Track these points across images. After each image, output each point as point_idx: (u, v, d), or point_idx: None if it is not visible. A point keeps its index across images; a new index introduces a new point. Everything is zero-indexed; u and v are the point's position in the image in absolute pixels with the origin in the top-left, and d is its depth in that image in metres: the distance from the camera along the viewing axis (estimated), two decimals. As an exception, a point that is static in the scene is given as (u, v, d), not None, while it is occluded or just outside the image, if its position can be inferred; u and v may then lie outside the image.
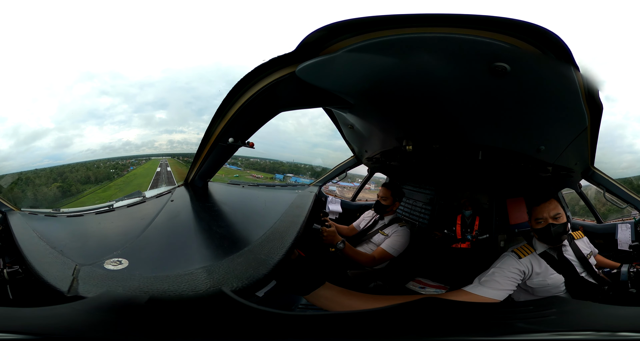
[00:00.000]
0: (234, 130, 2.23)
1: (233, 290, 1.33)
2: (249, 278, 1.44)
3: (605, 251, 3.07)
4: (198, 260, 1.61)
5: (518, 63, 1.41)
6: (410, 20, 1.38)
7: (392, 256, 3.05)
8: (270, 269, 1.55)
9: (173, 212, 2.41)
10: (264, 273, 1.50)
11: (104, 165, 8.56)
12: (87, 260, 1.61)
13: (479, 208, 3.80)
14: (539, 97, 1.65)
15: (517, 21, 1.31)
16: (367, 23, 1.42)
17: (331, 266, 2.91)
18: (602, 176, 2.98)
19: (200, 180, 3.02)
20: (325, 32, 1.49)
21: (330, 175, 4.35)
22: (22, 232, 2.06)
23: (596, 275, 2.14)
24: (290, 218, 2.33)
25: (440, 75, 1.60)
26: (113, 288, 1.36)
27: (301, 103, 2.14)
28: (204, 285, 1.36)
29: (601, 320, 1.30)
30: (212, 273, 1.45)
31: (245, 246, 1.76)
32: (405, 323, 1.28)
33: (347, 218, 4.11)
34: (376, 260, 3.00)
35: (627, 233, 3.16)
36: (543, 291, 2.09)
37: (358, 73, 1.71)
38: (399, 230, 3.13)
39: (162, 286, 1.36)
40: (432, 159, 2.70)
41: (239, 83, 1.88)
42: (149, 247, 1.85)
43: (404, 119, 2.23)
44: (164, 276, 1.44)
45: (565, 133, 2.08)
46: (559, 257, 2.12)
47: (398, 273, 3.23)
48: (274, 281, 1.70)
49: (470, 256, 3.62)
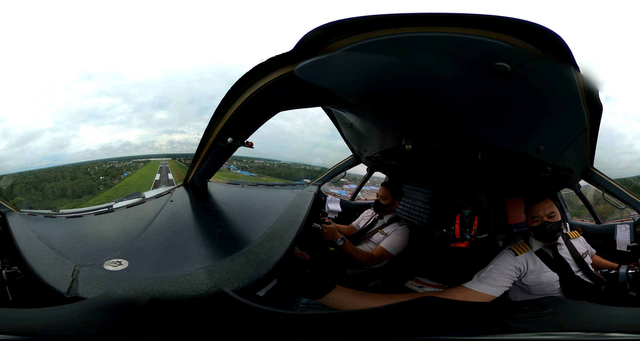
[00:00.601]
0: (232, 130, 2.23)
1: (234, 290, 1.33)
2: (250, 277, 1.44)
3: (604, 252, 3.08)
4: (198, 260, 1.61)
5: (518, 63, 1.41)
6: (409, 20, 1.38)
7: (391, 255, 3.05)
8: (271, 268, 1.55)
9: (173, 212, 2.41)
10: (264, 273, 1.50)
11: (99, 169, 8.00)
12: (87, 260, 1.61)
13: (477, 208, 3.80)
14: (539, 97, 1.65)
15: (519, 21, 1.30)
16: (366, 22, 1.42)
17: (331, 266, 2.91)
18: (601, 177, 2.98)
19: (199, 180, 3.02)
20: (323, 31, 1.49)
21: (330, 174, 4.35)
22: (21, 232, 2.05)
23: (592, 274, 2.17)
24: (290, 218, 2.33)
25: (440, 74, 1.60)
26: (113, 289, 1.36)
27: (300, 102, 2.14)
28: (204, 285, 1.36)
29: (595, 320, 1.31)
30: (213, 273, 1.45)
31: (245, 246, 1.76)
32: (403, 321, 1.28)
33: (346, 217, 4.10)
34: (375, 258, 3.00)
35: (626, 234, 3.18)
36: (538, 289, 2.13)
37: (357, 72, 1.71)
38: (398, 229, 3.13)
39: (163, 287, 1.36)
40: (432, 158, 2.70)
41: (237, 83, 1.88)
42: (149, 247, 1.85)
43: (404, 118, 2.23)
44: (164, 276, 1.44)
45: (564, 133, 2.08)
46: (554, 255, 2.17)
47: (397, 272, 3.23)
48: (275, 279, 1.71)
49: (468, 255, 3.62)
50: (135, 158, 8.70)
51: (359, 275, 3.09)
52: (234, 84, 1.88)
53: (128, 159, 8.60)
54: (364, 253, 3.02)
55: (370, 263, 3.02)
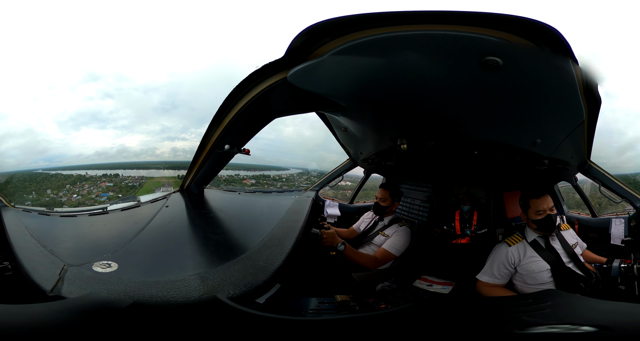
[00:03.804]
0: (229, 137, 2.24)
1: (229, 297, 1.32)
2: (248, 284, 1.43)
3: (598, 245, 3.12)
4: (192, 266, 1.61)
5: (510, 56, 1.40)
6: (387, 19, 1.38)
7: (395, 256, 3.02)
8: (271, 275, 1.55)
9: (168, 217, 2.40)
10: (263, 279, 1.50)
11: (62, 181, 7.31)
12: (77, 260, 1.61)
13: (476, 203, 3.80)
14: (534, 90, 1.64)
15: (502, 15, 1.30)
16: (344, 23, 1.41)
17: (334, 270, 2.88)
18: (598, 170, 2.99)
19: (196, 186, 3.02)
20: (306, 37, 1.50)
21: (327, 178, 4.34)
22: (14, 228, 2.06)
23: (583, 266, 2.31)
24: (288, 224, 2.32)
25: (429, 72, 1.59)
26: (97, 291, 1.35)
27: (294, 108, 2.14)
28: (196, 292, 1.35)
29: (584, 314, 1.39)
30: (206, 280, 1.44)
31: (242, 253, 1.75)
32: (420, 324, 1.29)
33: (346, 221, 4.08)
34: (378, 260, 2.97)
35: (620, 228, 3.23)
36: (531, 279, 2.28)
37: (346, 75, 1.71)
38: (399, 230, 3.11)
39: (150, 292, 1.34)
40: (428, 156, 2.69)
41: (234, 90, 1.90)
42: (141, 251, 1.84)
43: (397, 118, 2.22)
44: (153, 281, 1.42)
45: (561, 126, 2.09)
46: (546, 245, 2.33)
47: (403, 272, 3.21)
48: (278, 285, 1.69)
49: (471, 251, 3.61)
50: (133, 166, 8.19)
51: (366, 277, 3.05)
52: (231, 91, 1.91)
53: (125, 167, 8.13)
54: (366, 256, 3.00)
55: (374, 267, 2.99)
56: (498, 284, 2.34)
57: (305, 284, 2.45)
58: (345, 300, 2.14)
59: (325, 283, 2.61)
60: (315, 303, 2.02)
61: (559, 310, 1.44)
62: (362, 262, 2.91)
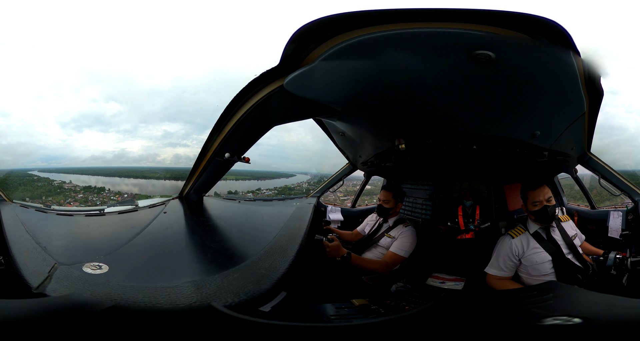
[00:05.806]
0: (230, 145, 2.25)
1: (227, 305, 1.30)
2: (248, 293, 1.41)
3: (596, 237, 3.15)
4: (187, 273, 1.58)
5: (502, 49, 1.40)
6: (371, 18, 1.37)
7: (404, 258, 3.00)
8: (274, 283, 1.52)
9: (165, 223, 2.38)
10: (266, 288, 1.47)
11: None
12: (68, 260, 1.61)
13: (478, 197, 3.78)
14: (532, 82, 1.63)
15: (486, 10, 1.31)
16: (328, 24, 1.41)
17: (344, 274, 2.84)
18: (598, 162, 2.98)
19: (195, 194, 3.01)
20: (295, 44, 1.50)
21: (328, 184, 4.31)
22: (11, 223, 2.06)
23: (581, 258, 2.39)
24: (290, 232, 2.29)
25: (420, 70, 1.58)
26: (80, 292, 1.34)
27: (292, 116, 2.15)
28: (187, 299, 1.33)
29: (577, 305, 1.44)
30: (201, 288, 1.41)
31: (242, 261, 1.72)
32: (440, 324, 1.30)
33: (349, 225, 4.05)
34: (389, 264, 2.95)
35: (618, 220, 3.26)
36: (534, 269, 2.35)
37: (339, 80, 1.71)
38: (405, 230, 3.09)
39: (136, 297, 1.32)
40: (427, 154, 2.68)
41: (235, 99, 1.92)
42: (134, 255, 1.82)
43: (393, 119, 2.22)
44: (142, 286, 1.40)
45: (561, 118, 2.07)
46: (548, 237, 2.40)
47: (414, 272, 3.19)
48: (284, 292, 1.66)
49: (476, 246, 3.59)
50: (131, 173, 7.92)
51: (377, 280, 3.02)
52: (232, 99, 1.93)
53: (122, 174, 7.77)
54: (375, 262, 2.98)
55: (386, 270, 2.97)
56: (505, 276, 2.41)
57: (313, 291, 2.41)
58: (365, 304, 2.10)
59: (332, 289, 2.58)
60: (333, 309, 1.96)
61: (560, 302, 1.47)
62: (372, 268, 2.91)
